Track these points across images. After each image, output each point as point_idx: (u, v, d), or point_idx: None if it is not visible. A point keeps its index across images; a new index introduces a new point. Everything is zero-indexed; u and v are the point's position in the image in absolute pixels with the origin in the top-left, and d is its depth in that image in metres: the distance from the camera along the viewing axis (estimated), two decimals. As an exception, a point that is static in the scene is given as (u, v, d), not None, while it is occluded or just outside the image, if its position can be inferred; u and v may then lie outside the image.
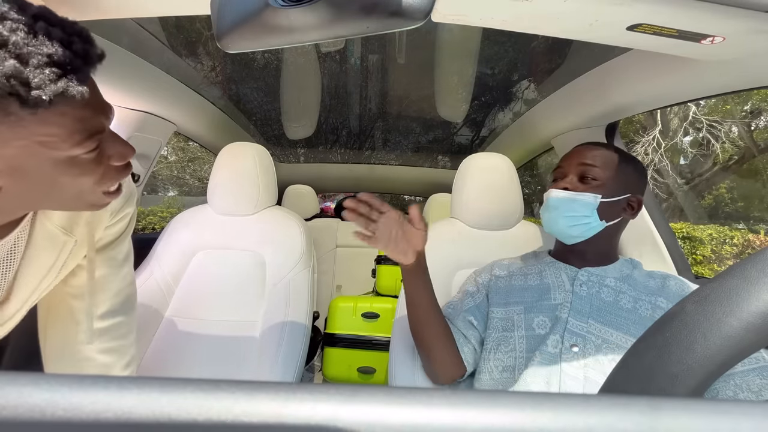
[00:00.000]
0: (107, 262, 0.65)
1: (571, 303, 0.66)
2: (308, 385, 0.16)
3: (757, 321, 0.20)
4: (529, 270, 0.76)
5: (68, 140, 0.41)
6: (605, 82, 0.90)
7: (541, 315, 0.67)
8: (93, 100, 0.43)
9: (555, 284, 0.70)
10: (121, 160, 0.49)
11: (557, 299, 0.68)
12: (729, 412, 0.15)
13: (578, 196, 0.68)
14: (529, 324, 0.67)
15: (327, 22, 0.37)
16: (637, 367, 0.23)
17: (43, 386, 0.15)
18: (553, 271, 0.73)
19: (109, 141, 0.47)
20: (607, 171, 0.69)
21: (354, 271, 1.91)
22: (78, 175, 0.44)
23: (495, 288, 0.75)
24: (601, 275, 0.69)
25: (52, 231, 0.54)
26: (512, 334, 0.67)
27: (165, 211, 6.16)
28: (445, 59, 1.26)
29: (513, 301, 0.71)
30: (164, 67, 1.04)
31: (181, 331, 0.98)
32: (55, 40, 0.37)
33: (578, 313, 0.64)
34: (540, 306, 0.68)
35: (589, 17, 0.48)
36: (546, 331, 0.65)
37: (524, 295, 0.71)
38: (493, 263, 0.82)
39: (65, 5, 0.54)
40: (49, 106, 0.37)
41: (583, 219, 0.68)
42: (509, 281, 0.75)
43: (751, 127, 6.66)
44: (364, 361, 1.14)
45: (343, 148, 2.18)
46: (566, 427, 0.15)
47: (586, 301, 0.65)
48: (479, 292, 0.77)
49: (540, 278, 0.73)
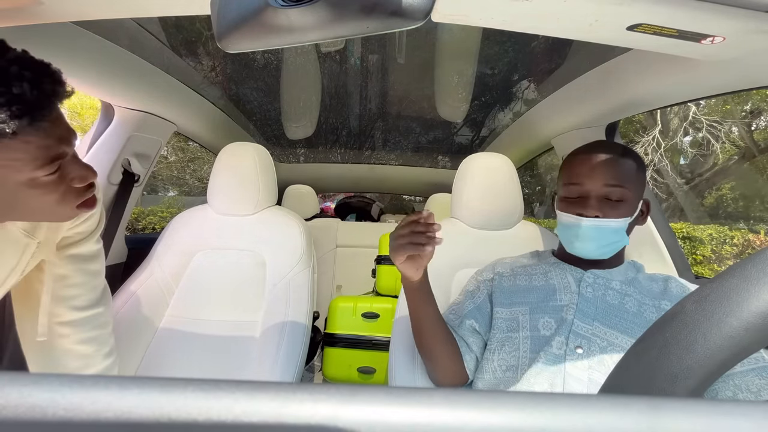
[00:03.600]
0: (74, 259, 0.68)
1: (576, 304, 0.65)
2: (308, 385, 0.16)
3: (757, 321, 0.20)
4: (533, 270, 0.75)
5: (30, 164, 0.48)
6: (605, 82, 0.90)
7: (546, 316, 0.66)
8: (56, 130, 0.50)
9: (561, 285, 0.69)
10: (82, 182, 0.55)
11: (563, 300, 0.67)
12: (729, 413, 0.15)
13: (612, 223, 0.65)
14: (535, 325, 0.66)
15: (327, 22, 0.37)
16: (637, 367, 0.23)
17: (43, 386, 0.15)
18: (558, 272, 0.72)
19: (71, 165, 0.54)
20: (630, 188, 0.66)
21: (354, 271, 1.91)
22: (40, 194, 0.51)
23: (499, 287, 0.74)
24: (607, 278, 0.68)
25: (15, 234, 0.58)
26: (517, 334, 0.67)
27: (165, 211, 6.15)
28: (445, 59, 1.26)
29: (518, 302, 0.70)
30: (164, 67, 1.04)
31: (181, 331, 0.98)
32: (25, 81, 0.44)
33: (584, 314, 0.64)
34: (545, 307, 0.67)
35: (589, 17, 0.48)
36: (551, 332, 0.64)
37: (529, 295, 0.70)
38: (496, 262, 0.82)
39: (65, 6, 0.54)
40: (13, 136, 0.44)
41: (614, 244, 0.67)
42: (513, 281, 0.74)
43: (751, 127, 6.66)
44: (364, 361, 1.14)
45: (343, 148, 2.18)
46: (566, 427, 0.15)
47: (591, 303, 0.65)
48: (480, 291, 0.76)
49: (545, 279, 0.72)
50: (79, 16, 0.57)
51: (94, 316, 0.71)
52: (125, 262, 1.27)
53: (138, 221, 5.93)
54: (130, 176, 1.19)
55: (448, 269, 0.92)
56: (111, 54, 0.86)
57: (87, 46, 0.80)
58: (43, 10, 0.54)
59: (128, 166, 1.17)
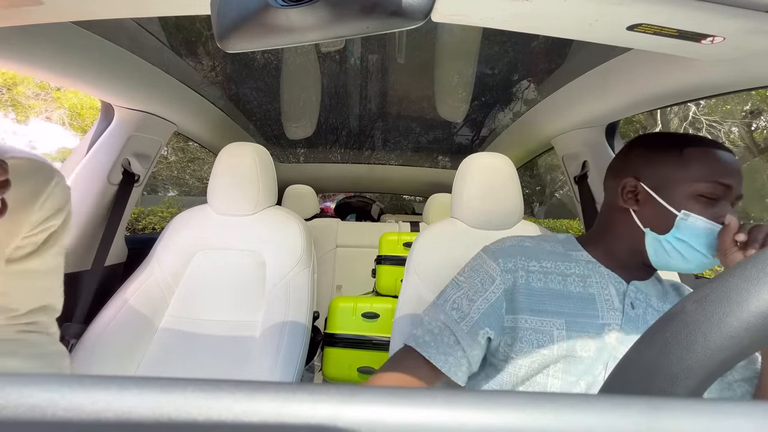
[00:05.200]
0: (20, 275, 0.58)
1: (621, 326, 0.56)
2: (308, 385, 0.16)
3: (757, 321, 0.20)
4: (567, 269, 0.61)
5: None
6: (605, 82, 0.90)
7: (585, 336, 0.55)
8: None
9: (602, 297, 0.58)
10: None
11: (604, 318, 0.56)
12: (729, 412, 0.15)
13: None
14: (572, 345, 0.55)
15: (327, 22, 0.36)
16: (637, 368, 0.23)
17: (43, 386, 0.15)
18: (598, 280, 0.60)
19: None
20: None
21: (354, 271, 1.90)
22: None
23: (526, 287, 0.59)
24: (646, 293, 0.59)
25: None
26: (550, 352, 0.55)
27: (165, 211, 6.15)
28: (445, 59, 1.26)
29: (551, 310, 0.57)
30: (164, 67, 1.04)
31: (181, 331, 0.98)
32: None
33: (628, 339, 0.55)
34: (584, 323, 0.56)
35: (589, 17, 0.48)
36: (589, 354, 0.55)
37: (564, 304, 0.58)
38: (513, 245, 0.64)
39: (65, 6, 0.54)
40: None
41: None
42: (545, 281, 0.60)
43: (751, 127, 6.66)
44: (364, 361, 1.14)
45: (343, 148, 2.18)
46: (566, 427, 0.15)
47: (634, 326, 0.56)
48: (496, 284, 0.60)
49: (583, 285, 0.59)
50: (79, 16, 0.57)
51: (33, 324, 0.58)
52: (125, 262, 1.27)
53: (138, 221, 5.93)
54: (130, 176, 1.19)
55: (448, 269, 0.92)
56: (111, 54, 0.86)
57: (87, 46, 0.80)
58: (43, 10, 0.54)
59: (128, 166, 1.17)
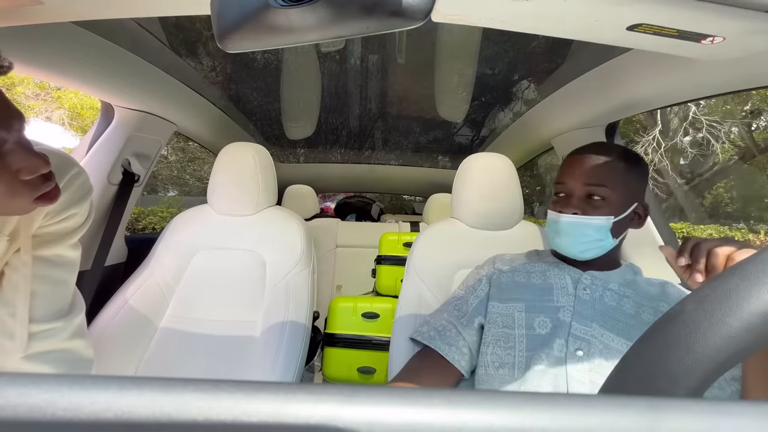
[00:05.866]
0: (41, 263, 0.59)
1: (573, 307, 0.66)
2: (308, 385, 0.16)
3: (757, 321, 0.20)
4: (532, 268, 0.75)
5: None
6: (605, 82, 0.89)
7: (542, 315, 0.67)
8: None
9: (558, 285, 0.70)
10: (31, 173, 0.47)
11: (560, 302, 0.67)
12: (729, 412, 0.15)
13: (590, 220, 0.66)
14: (530, 323, 0.66)
15: (327, 22, 0.37)
16: (637, 368, 0.23)
17: (43, 386, 0.15)
18: (556, 272, 0.72)
19: (15, 153, 0.45)
20: (614, 188, 0.66)
21: (354, 271, 1.90)
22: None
23: (497, 282, 0.75)
24: (604, 279, 0.68)
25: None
26: (512, 331, 0.67)
27: (165, 211, 6.15)
28: (445, 59, 1.26)
29: (514, 298, 0.71)
30: (164, 67, 1.04)
31: (181, 331, 0.98)
32: None
33: (581, 317, 0.64)
34: (542, 306, 0.68)
35: (589, 17, 0.48)
36: (546, 331, 0.65)
37: (526, 292, 0.71)
38: (495, 257, 0.82)
39: (65, 6, 0.54)
40: None
41: (596, 242, 0.67)
42: (512, 277, 0.75)
43: (751, 127, 6.66)
44: (364, 361, 1.14)
45: (343, 148, 2.18)
46: (566, 427, 0.15)
47: (589, 305, 0.65)
48: (481, 285, 0.76)
49: (543, 278, 0.72)
50: (79, 16, 0.57)
51: (50, 331, 0.60)
52: (125, 262, 1.27)
53: (138, 221, 5.93)
54: (130, 176, 1.19)
55: (448, 269, 0.92)
56: (111, 54, 0.86)
57: (87, 46, 0.80)
58: (43, 10, 0.54)
59: (128, 166, 1.17)
